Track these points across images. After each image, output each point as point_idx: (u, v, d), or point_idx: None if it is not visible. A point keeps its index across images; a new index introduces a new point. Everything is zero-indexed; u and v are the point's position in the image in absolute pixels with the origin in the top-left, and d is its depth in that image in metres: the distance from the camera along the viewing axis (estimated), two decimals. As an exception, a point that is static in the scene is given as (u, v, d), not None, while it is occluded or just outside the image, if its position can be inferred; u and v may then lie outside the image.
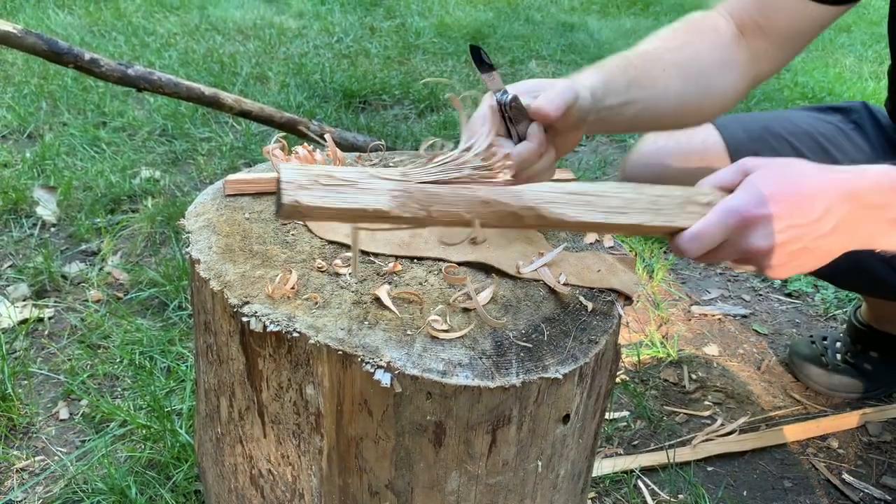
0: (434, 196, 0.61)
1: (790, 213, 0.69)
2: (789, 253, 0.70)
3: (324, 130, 2.11)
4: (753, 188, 0.70)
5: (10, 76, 2.90)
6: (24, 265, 1.79)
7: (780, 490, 1.34)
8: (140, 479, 1.24)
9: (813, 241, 0.70)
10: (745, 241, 0.70)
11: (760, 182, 0.70)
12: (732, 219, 0.69)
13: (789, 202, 0.69)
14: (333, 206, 0.58)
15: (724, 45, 1.00)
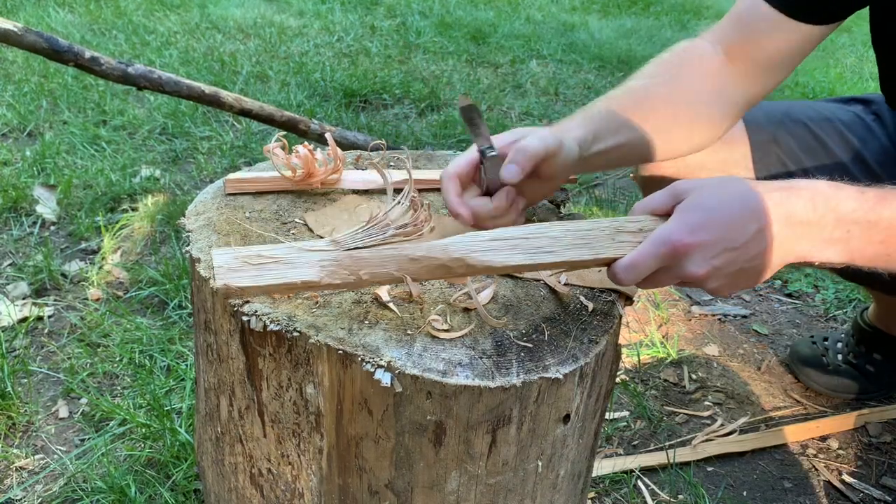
0: (362, 260, 0.65)
1: (721, 238, 0.69)
2: (727, 275, 0.71)
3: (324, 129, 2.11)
4: (684, 216, 0.70)
5: (11, 74, 2.90)
6: (23, 263, 1.79)
7: (780, 490, 1.34)
8: (139, 477, 1.24)
9: (748, 261, 0.71)
10: (680, 268, 0.70)
11: (692, 208, 0.70)
12: (664, 248, 0.68)
13: (720, 227, 0.69)
14: (264, 283, 0.62)
15: (711, 74, 1.01)
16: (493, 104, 3.11)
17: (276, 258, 0.63)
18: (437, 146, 2.63)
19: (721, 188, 0.72)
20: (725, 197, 0.71)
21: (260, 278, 0.62)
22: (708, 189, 0.72)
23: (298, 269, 0.63)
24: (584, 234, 0.71)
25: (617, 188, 2.50)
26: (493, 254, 0.68)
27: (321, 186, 0.92)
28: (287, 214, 0.86)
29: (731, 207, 0.70)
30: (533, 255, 0.69)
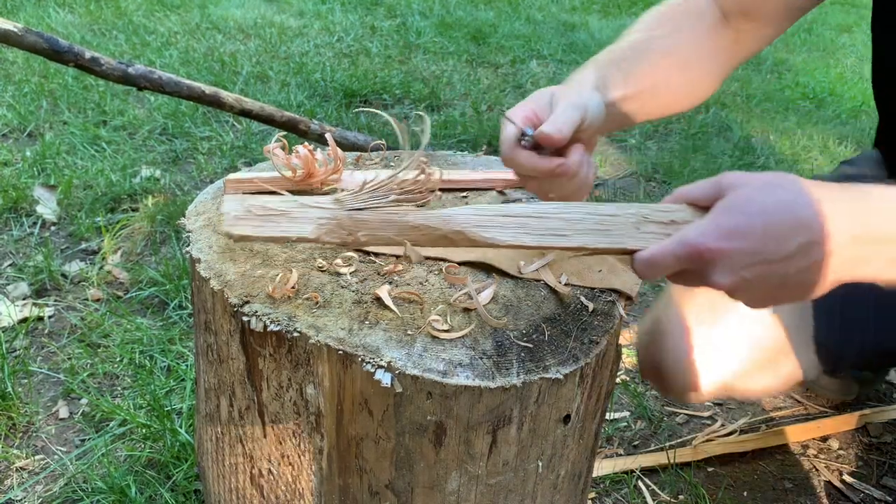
0: (362, 222, 0.64)
1: (756, 248, 0.60)
2: (760, 289, 0.63)
3: (324, 130, 2.11)
4: (719, 217, 0.62)
5: (11, 75, 2.90)
6: (24, 264, 1.79)
7: (781, 491, 1.34)
8: (140, 478, 1.24)
9: (791, 276, 0.62)
10: (704, 275, 0.63)
11: (730, 209, 0.62)
12: (688, 250, 0.61)
13: (756, 236, 0.60)
14: (264, 234, 0.64)
15: (708, 33, 0.98)
16: (494, 104, 3.10)
17: (280, 211, 0.64)
18: (437, 146, 2.63)
19: (769, 189, 0.62)
20: (772, 200, 0.61)
21: (261, 229, 0.63)
22: (754, 188, 0.63)
23: (297, 225, 0.64)
24: (605, 219, 0.65)
25: (617, 188, 2.50)
26: (498, 231, 0.65)
27: (321, 187, 0.91)
28: (287, 215, 0.86)
29: (775, 214, 0.61)
30: (541, 236, 0.65)
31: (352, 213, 0.64)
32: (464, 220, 0.65)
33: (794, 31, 4.82)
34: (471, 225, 0.65)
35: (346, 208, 0.64)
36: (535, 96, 0.79)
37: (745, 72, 3.87)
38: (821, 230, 0.60)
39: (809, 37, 4.75)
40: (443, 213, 0.65)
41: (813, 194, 0.62)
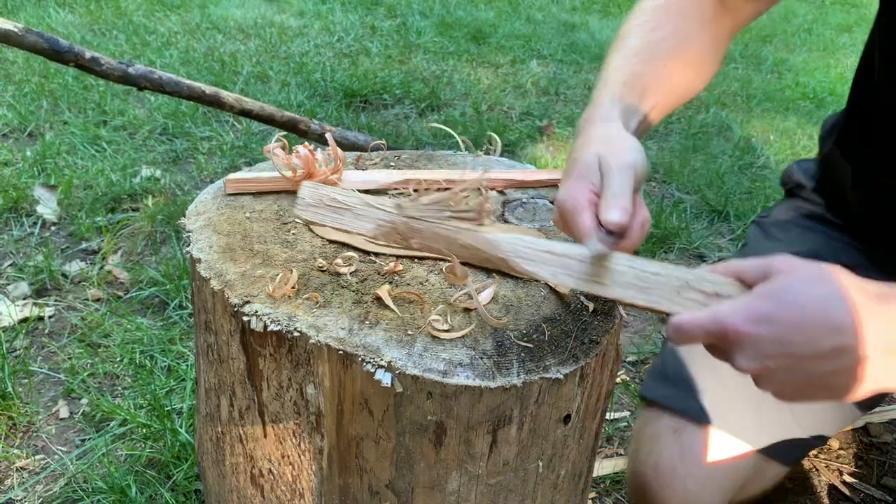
0: (416, 231, 0.68)
1: (783, 339, 0.59)
2: (785, 382, 0.62)
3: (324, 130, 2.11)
4: (755, 300, 0.60)
5: (11, 75, 2.90)
6: (24, 264, 1.79)
7: (781, 491, 1.34)
8: (140, 478, 1.24)
9: (819, 377, 0.60)
10: (729, 354, 0.62)
11: (768, 295, 0.60)
12: (715, 327, 0.60)
13: (786, 328, 0.59)
14: (329, 223, 0.71)
15: (709, 25, 0.97)
16: (494, 104, 3.10)
17: (347, 206, 0.70)
18: (437, 146, 2.63)
19: (811, 283, 0.60)
20: (810, 296, 0.60)
21: (326, 218, 0.71)
22: (797, 279, 0.61)
23: (359, 221, 0.70)
24: (648, 276, 0.65)
25: (617, 188, 2.50)
26: (540, 266, 0.66)
27: (321, 186, 0.91)
28: (287, 215, 0.86)
29: (809, 311, 0.59)
30: (581, 280, 0.66)
31: (409, 221, 0.68)
32: (509, 248, 0.67)
33: (794, 31, 4.82)
34: (514, 255, 0.67)
35: (404, 215, 0.68)
36: (584, 169, 0.74)
37: (746, 72, 3.87)
38: (853, 338, 0.59)
39: (809, 37, 4.75)
40: (488, 238, 0.67)
41: (853, 297, 0.60)
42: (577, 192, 0.71)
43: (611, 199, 0.69)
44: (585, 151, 0.76)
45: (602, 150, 0.75)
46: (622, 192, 0.70)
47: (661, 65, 0.91)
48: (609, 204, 0.69)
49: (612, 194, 0.70)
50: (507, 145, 2.72)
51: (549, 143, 2.81)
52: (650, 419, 1.03)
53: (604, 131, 0.80)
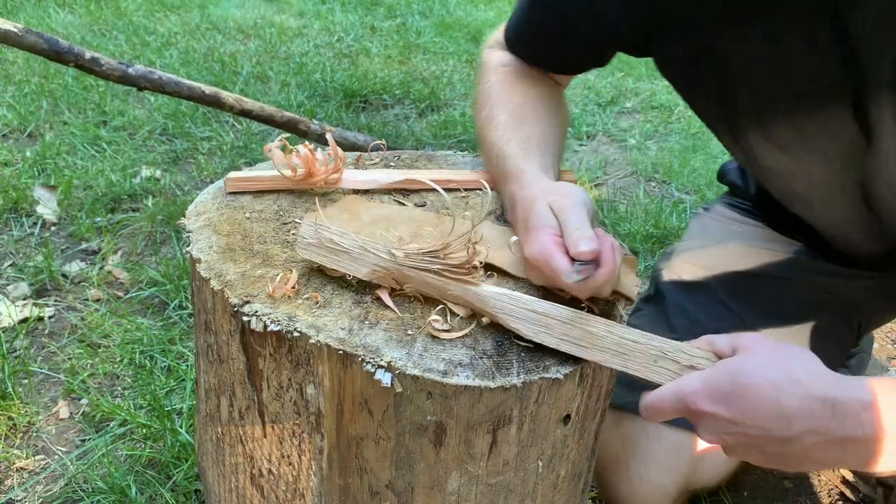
0: (409, 278, 0.72)
1: (737, 419, 0.63)
2: (746, 453, 0.66)
3: (324, 130, 2.11)
4: (715, 378, 0.64)
5: (11, 75, 2.90)
6: (24, 264, 1.79)
7: (781, 491, 1.34)
8: (140, 478, 1.24)
9: (777, 453, 0.65)
10: (696, 426, 0.66)
11: (728, 372, 0.64)
12: (680, 403, 0.65)
13: (742, 409, 0.62)
14: (326, 264, 0.74)
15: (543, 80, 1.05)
16: (494, 104, 3.10)
17: (344, 249, 0.73)
18: (437, 146, 2.63)
19: (768, 367, 0.63)
20: (765, 381, 0.63)
21: (325, 259, 0.74)
22: (756, 362, 0.64)
23: (356, 264, 0.73)
24: (626, 344, 0.68)
25: (618, 188, 2.51)
26: (523, 324, 0.69)
27: (322, 186, 0.92)
28: (287, 215, 0.86)
29: (762, 397, 0.62)
30: (562, 341, 0.68)
31: (402, 269, 0.71)
32: (495, 304, 0.69)
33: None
34: (500, 311, 0.69)
35: (398, 262, 0.71)
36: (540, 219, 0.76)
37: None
38: (806, 424, 0.62)
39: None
40: (479, 292, 0.70)
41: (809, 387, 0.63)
42: (542, 241, 0.73)
43: (574, 232, 0.72)
44: (533, 199, 0.79)
45: (548, 198, 0.78)
46: (582, 224, 0.73)
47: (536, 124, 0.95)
48: (574, 238, 0.71)
49: (575, 228, 0.73)
50: (507, 145, 2.72)
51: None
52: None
53: (539, 187, 0.82)
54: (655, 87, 3.46)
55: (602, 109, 3.16)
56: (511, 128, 0.93)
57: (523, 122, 0.94)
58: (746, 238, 1.21)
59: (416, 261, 0.71)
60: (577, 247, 0.70)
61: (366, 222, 0.85)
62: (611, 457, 1.10)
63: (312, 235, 0.74)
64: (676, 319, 1.14)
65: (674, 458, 1.08)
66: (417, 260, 0.71)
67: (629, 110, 3.21)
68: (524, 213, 0.79)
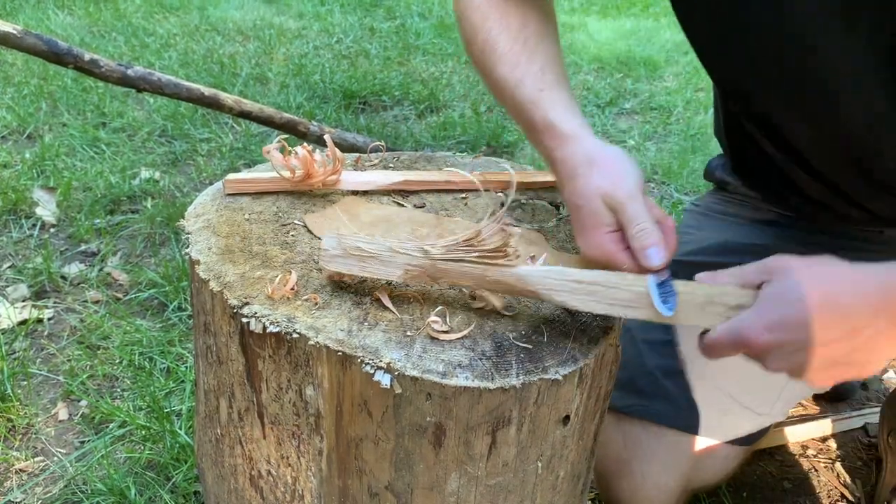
0: (443, 271, 0.70)
1: (801, 337, 0.63)
2: (815, 369, 0.66)
3: (323, 131, 2.11)
4: (763, 309, 0.65)
5: (10, 77, 2.90)
6: (23, 266, 1.79)
7: (780, 491, 1.34)
8: (139, 479, 1.24)
9: (842, 357, 0.65)
10: (758, 359, 0.67)
11: (773, 299, 0.65)
12: (739, 341, 0.65)
13: (799, 326, 0.63)
14: (355, 272, 0.72)
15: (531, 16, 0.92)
16: (493, 106, 3.11)
17: (371, 254, 0.71)
18: (436, 147, 2.63)
19: (810, 277, 0.65)
20: (812, 288, 0.64)
21: (354, 268, 0.71)
22: (796, 276, 0.65)
23: (387, 268, 0.71)
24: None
25: (616, 189, 2.50)
26: (570, 296, 0.69)
27: (321, 188, 0.92)
28: (286, 216, 0.86)
29: (819, 303, 0.63)
30: (611, 306, 0.68)
31: (436, 263, 0.70)
32: (537, 281, 0.69)
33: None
34: (543, 287, 0.69)
35: (430, 258, 0.70)
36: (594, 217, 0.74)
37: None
38: (862, 315, 0.63)
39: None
40: (518, 273, 0.69)
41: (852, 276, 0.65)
42: (600, 242, 0.73)
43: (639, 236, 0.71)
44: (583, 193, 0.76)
45: (598, 183, 0.75)
46: (642, 219, 0.72)
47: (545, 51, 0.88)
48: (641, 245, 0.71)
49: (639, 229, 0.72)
50: (506, 146, 2.72)
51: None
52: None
53: (583, 154, 0.79)
54: (654, 89, 3.47)
55: (601, 111, 3.16)
56: (520, 61, 0.85)
57: (532, 52, 0.86)
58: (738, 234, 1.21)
59: (450, 253, 0.70)
60: (648, 262, 0.71)
61: (365, 223, 0.85)
62: (612, 457, 1.11)
63: (336, 246, 0.72)
64: None
65: (675, 455, 1.08)
66: (452, 252, 0.70)
67: (628, 111, 3.21)
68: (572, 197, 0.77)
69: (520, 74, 0.84)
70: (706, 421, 1.07)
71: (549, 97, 0.82)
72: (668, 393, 1.08)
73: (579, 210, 0.76)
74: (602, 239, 0.73)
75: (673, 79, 3.68)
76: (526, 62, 0.85)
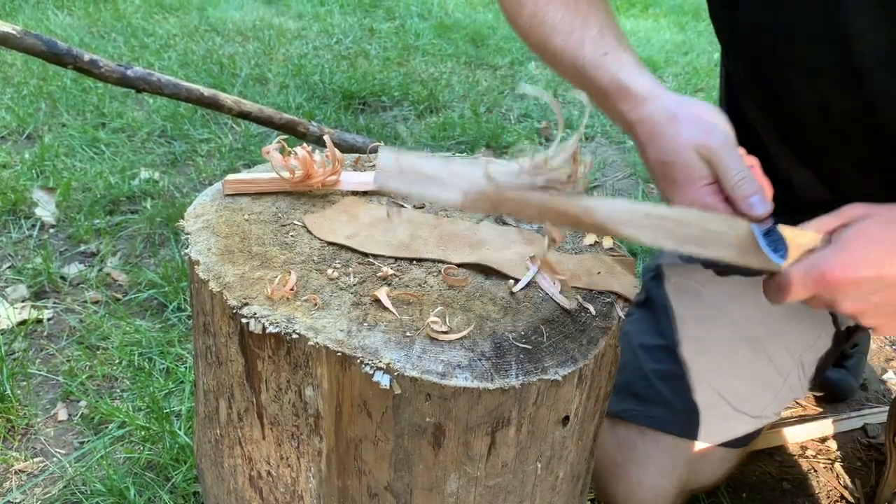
0: (506, 199, 0.65)
1: (884, 274, 0.63)
2: (890, 314, 0.66)
3: (323, 132, 2.11)
4: (844, 247, 0.65)
5: (10, 77, 2.90)
6: (22, 266, 1.79)
7: (780, 492, 1.34)
8: (139, 480, 1.24)
9: None
10: (833, 301, 0.66)
11: (855, 239, 0.65)
12: (814, 279, 0.65)
13: (883, 263, 0.63)
14: (413, 192, 0.67)
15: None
16: (492, 106, 3.11)
17: (431, 175, 0.66)
18: (436, 148, 2.63)
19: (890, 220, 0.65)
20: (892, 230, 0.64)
21: (412, 188, 0.66)
22: (879, 218, 0.66)
23: (446, 191, 0.66)
24: (745, 237, 0.67)
25: (616, 190, 2.51)
26: (640, 230, 0.66)
27: (321, 188, 0.92)
28: (286, 217, 0.86)
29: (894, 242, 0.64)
30: (684, 243, 0.66)
31: (499, 190, 0.65)
32: (606, 214, 0.65)
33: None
34: (613, 221, 0.66)
35: (493, 183, 0.65)
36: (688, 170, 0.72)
37: (744, 73, 3.87)
38: None
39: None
40: (586, 204, 0.65)
41: None
42: (697, 196, 0.71)
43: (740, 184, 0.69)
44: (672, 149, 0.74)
45: (688, 136, 0.73)
46: (739, 168, 0.70)
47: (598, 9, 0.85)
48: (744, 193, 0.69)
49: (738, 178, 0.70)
50: (506, 147, 2.72)
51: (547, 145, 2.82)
52: None
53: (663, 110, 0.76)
54: (654, 89, 3.46)
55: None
56: (575, 27, 0.82)
57: (586, 16, 0.83)
58: None
59: (513, 179, 0.65)
60: (753, 211, 0.69)
61: (365, 224, 0.85)
62: (607, 461, 1.11)
63: (393, 164, 0.67)
64: (666, 325, 1.14)
65: (671, 459, 1.08)
66: (514, 178, 0.65)
67: (628, 112, 3.21)
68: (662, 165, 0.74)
69: (577, 42, 0.82)
70: (703, 424, 1.08)
71: (614, 60, 0.80)
72: (665, 398, 1.08)
73: (669, 167, 0.74)
74: (699, 192, 0.71)
75: (672, 79, 3.68)
76: (581, 27, 0.82)
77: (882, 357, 1.74)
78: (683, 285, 1.16)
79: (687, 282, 1.16)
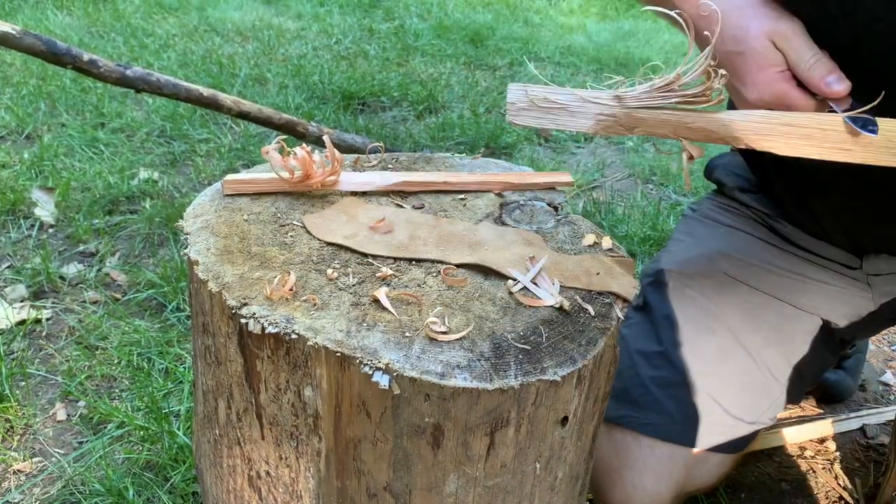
0: (640, 120, 0.66)
1: None
2: None
3: (322, 132, 2.11)
4: None
5: (9, 77, 2.90)
6: (21, 266, 1.79)
7: (778, 493, 1.34)
8: (138, 480, 1.24)
9: None
10: None
11: None
12: None
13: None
14: (544, 125, 0.68)
15: None
16: (492, 107, 3.11)
17: (561, 105, 0.67)
18: (435, 148, 2.63)
19: None
20: None
21: (543, 120, 0.68)
22: None
23: (577, 119, 0.67)
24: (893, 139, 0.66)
25: (615, 190, 2.51)
26: (778, 140, 0.65)
27: (320, 188, 0.92)
28: (285, 217, 0.86)
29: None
30: (825, 149, 0.65)
31: (631, 111, 0.65)
32: (744, 126, 0.65)
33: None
34: (751, 133, 0.65)
35: (625, 106, 0.65)
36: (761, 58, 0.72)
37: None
38: None
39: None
40: (724, 118, 0.65)
41: None
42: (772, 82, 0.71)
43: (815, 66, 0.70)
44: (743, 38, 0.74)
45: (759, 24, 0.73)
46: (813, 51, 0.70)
47: None
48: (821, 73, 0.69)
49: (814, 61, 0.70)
50: (505, 147, 2.72)
51: (545, 145, 2.82)
52: None
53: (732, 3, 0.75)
54: (653, 90, 3.46)
55: (600, 112, 3.16)
56: None
57: None
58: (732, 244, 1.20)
59: (646, 99, 0.65)
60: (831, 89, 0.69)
61: (364, 224, 0.85)
62: (604, 466, 1.11)
63: (523, 98, 0.67)
64: (664, 331, 1.14)
65: (667, 465, 1.08)
66: (648, 98, 0.65)
67: (627, 113, 3.21)
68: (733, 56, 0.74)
69: None
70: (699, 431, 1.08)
71: None
72: (662, 405, 1.08)
73: (742, 57, 0.74)
74: (774, 78, 0.71)
75: (671, 80, 3.68)
76: None
77: (881, 358, 1.74)
78: (682, 292, 1.16)
79: (685, 289, 1.16)
